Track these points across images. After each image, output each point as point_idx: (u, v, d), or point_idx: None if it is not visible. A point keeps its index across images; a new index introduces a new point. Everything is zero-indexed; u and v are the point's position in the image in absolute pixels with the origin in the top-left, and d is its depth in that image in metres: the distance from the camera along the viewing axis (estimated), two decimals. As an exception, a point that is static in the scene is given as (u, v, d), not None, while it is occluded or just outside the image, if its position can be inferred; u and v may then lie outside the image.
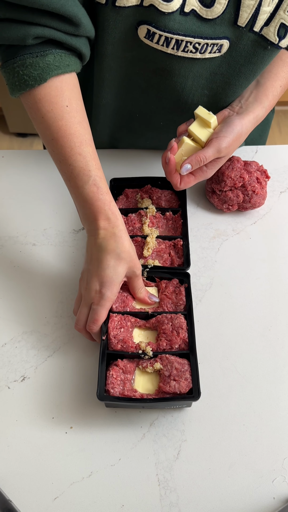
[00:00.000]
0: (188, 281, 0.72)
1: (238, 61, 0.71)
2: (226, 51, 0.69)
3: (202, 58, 0.69)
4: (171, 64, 0.70)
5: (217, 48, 0.68)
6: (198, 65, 0.71)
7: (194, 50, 0.67)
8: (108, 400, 0.62)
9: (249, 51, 0.69)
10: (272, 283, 0.78)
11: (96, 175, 0.65)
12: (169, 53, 0.67)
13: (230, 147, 0.72)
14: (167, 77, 0.73)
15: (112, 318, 0.68)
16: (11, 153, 0.97)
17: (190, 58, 0.69)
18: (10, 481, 0.61)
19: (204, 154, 0.71)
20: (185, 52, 0.67)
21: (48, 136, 0.65)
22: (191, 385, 0.62)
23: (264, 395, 0.67)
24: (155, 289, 0.74)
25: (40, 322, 0.74)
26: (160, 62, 0.70)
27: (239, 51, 0.69)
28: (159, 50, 0.67)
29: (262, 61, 0.71)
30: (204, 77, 0.73)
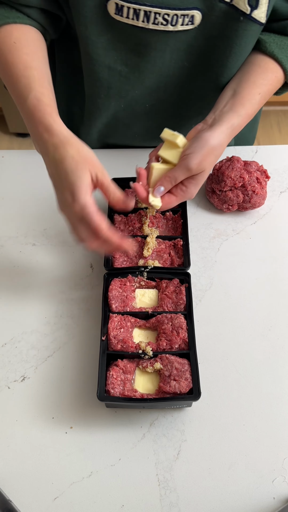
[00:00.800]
0: (189, 281, 0.72)
1: (213, 34, 0.71)
2: (199, 23, 0.69)
3: (175, 30, 0.69)
4: (146, 39, 0.70)
5: (189, 19, 0.67)
6: (173, 38, 0.70)
7: (165, 22, 0.67)
8: (108, 401, 0.62)
9: (222, 23, 0.69)
10: (272, 283, 0.78)
11: (38, 91, 0.65)
12: (141, 26, 0.67)
13: (202, 163, 0.67)
14: (145, 54, 0.73)
15: (112, 319, 0.68)
16: (11, 153, 0.97)
17: (163, 31, 0.68)
18: (10, 481, 0.61)
19: (173, 173, 0.68)
20: (156, 24, 0.67)
21: (2, 74, 0.69)
22: (191, 385, 0.62)
23: (264, 395, 0.67)
24: (155, 291, 0.74)
25: (40, 322, 0.74)
26: (136, 38, 0.70)
27: (213, 23, 0.69)
28: (130, 25, 0.68)
29: (237, 34, 0.70)
30: (182, 50, 0.73)
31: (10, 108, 2.13)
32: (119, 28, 0.69)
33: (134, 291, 0.73)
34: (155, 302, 0.73)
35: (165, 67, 0.76)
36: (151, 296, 0.73)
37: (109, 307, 0.70)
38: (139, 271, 0.73)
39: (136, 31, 0.69)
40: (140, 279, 0.73)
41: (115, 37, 0.71)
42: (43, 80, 0.67)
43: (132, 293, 0.73)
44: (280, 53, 0.75)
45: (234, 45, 0.72)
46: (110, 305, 0.70)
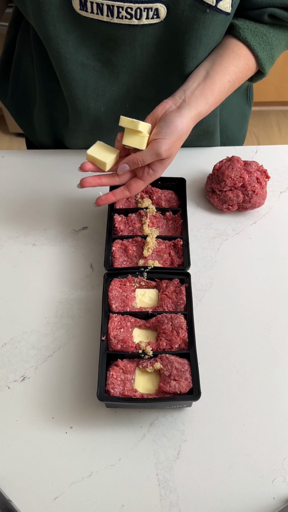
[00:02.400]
0: (189, 281, 0.72)
1: (180, 28, 0.70)
2: (165, 16, 0.68)
3: (141, 24, 0.68)
4: (114, 33, 0.70)
5: (154, 13, 0.67)
6: (141, 33, 0.70)
7: (129, 16, 0.67)
8: (108, 401, 0.62)
9: (188, 17, 0.68)
10: (272, 283, 0.78)
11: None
12: (106, 21, 0.67)
13: (171, 149, 0.69)
14: (115, 48, 0.72)
15: (112, 319, 0.68)
16: (11, 153, 0.97)
17: (129, 25, 0.68)
18: (10, 481, 0.61)
19: (142, 156, 0.69)
20: (120, 18, 0.67)
21: None
22: (191, 385, 0.62)
23: (264, 395, 0.67)
24: (155, 290, 0.74)
25: (40, 322, 0.74)
26: (103, 33, 0.70)
27: (178, 17, 0.68)
28: (96, 20, 0.68)
29: (204, 26, 0.70)
30: (152, 44, 0.73)
31: (10, 108, 2.12)
32: (86, 24, 0.69)
33: (134, 291, 0.73)
34: (155, 302, 0.73)
35: (137, 62, 0.75)
36: (151, 296, 0.73)
37: (109, 307, 0.70)
38: (139, 271, 0.73)
39: (102, 26, 0.69)
40: (140, 279, 0.73)
41: (84, 34, 0.71)
42: None
43: (132, 293, 0.73)
44: (253, 40, 0.74)
45: (202, 37, 0.71)
46: (110, 305, 0.70)
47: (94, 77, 0.78)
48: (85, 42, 0.72)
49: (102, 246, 0.82)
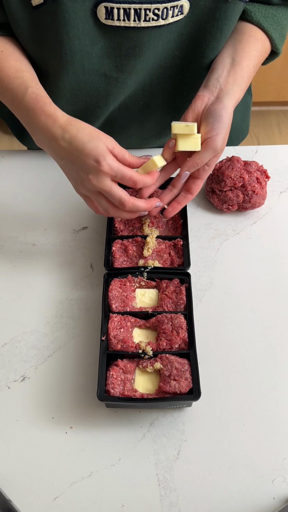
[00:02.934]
0: (189, 281, 0.72)
1: (202, 19, 0.71)
2: (188, 11, 0.69)
3: (167, 24, 0.69)
4: (139, 39, 0.69)
5: (178, 10, 0.67)
6: (165, 32, 0.70)
7: (156, 17, 0.67)
8: (108, 400, 0.62)
9: (210, 7, 0.69)
10: (272, 283, 0.78)
11: (34, 87, 0.66)
12: (133, 26, 0.67)
13: (224, 143, 0.70)
14: (140, 55, 0.72)
15: (112, 319, 0.68)
16: (11, 153, 0.97)
17: (155, 27, 0.68)
18: (10, 481, 0.61)
19: (201, 158, 0.69)
20: (147, 21, 0.67)
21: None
22: (191, 385, 0.62)
23: (264, 395, 0.67)
24: (155, 290, 0.74)
25: (40, 322, 0.74)
26: (129, 41, 0.70)
27: (201, 8, 0.69)
28: (123, 28, 0.67)
29: (226, 16, 0.70)
30: (172, 39, 0.73)
31: (10, 108, 2.12)
32: (111, 35, 0.69)
33: (134, 291, 0.73)
34: (155, 302, 0.73)
35: (157, 60, 0.76)
36: (151, 296, 0.73)
37: (109, 307, 0.70)
38: (139, 271, 0.73)
39: (128, 33, 0.68)
40: (140, 279, 0.73)
41: (108, 44, 0.70)
42: (36, 80, 0.69)
43: (132, 293, 0.73)
44: (265, 22, 0.75)
45: (223, 27, 0.72)
46: (110, 305, 0.70)
47: (117, 88, 0.78)
48: (108, 53, 0.72)
49: (102, 246, 0.82)
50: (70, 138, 0.62)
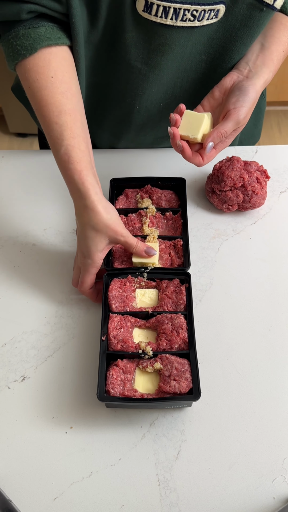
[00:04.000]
0: (189, 281, 0.72)
1: (234, 25, 0.71)
2: (222, 16, 0.69)
3: (201, 25, 0.69)
4: (171, 37, 0.70)
5: (214, 13, 0.68)
6: (196, 33, 0.71)
7: (192, 18, 0.67)
8: (108, 401, 0.62)
9: (245, 14, 0.70)
10: (272, 283, 0.78)
11: (68, 144, 0.65)
12: (169, 24, 0.67)
13: (247, 116, 0.71)
14: (168, 52, 0.72)
15: (112, 319, 0.68)
16: (11, 153, 0.97)
17: (189, 27, 0.69)
18: (10, 481, 0.61)
19: (224, 128, 0.70)
20: (184, 21, 0.67)
21: (34, 106, 0.68)
22: (191, 385, 0.62)
23: (264, 395, 0.67)
24: (155, 290, 0.74)
25: (40, 322, 0.74)
26: (161, 37, 0.70)
27: (235, 15, 0.70)
28: (157, 23, 0.67)
29: (258, 24, 0.71)
30: (202, 43, 0.73)
31: (10, 108, 2.13)
32: (143, 27, 0.68)
33: (134, 291, 0.73)
34: (155, 302, 0.73)
35: (183, 62, 0.76)
36: (151, 296, 0.73)
37: (109, 307, 0.70)
38: (139, 272, 0.73)
39: (162, 30, 0.68)
40: (140, 279, 0.73)
41: (139, 36, 0.70)
42: (75, 127, 0.67)
43: (132, 293, 0.73)
44: None
45: (254, 34, 0.73)
46: (110, 305, 0.70)
47: (138, 79, 0.78)
48: (137, 44, 0.71)
49: (102, 246, 0.82)
50: (81, 224, 0.67)
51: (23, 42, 0.66)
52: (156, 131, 0.91)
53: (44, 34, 0.66)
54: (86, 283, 0.71)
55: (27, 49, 0.66)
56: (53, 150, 0.67)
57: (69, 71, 0.69)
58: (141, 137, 0.92)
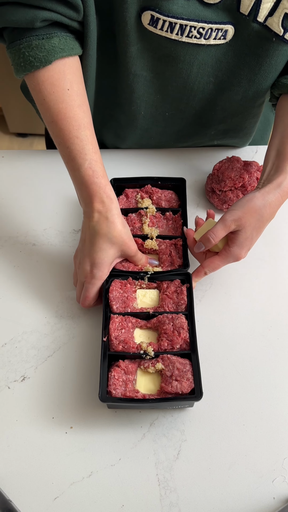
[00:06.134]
0: (190, 281, 0.72)
1: (243, 51, 0.71)
2: (231, 38, 0.69)
3: (207, 44, 0.69)
4: (176, 51, 0.70)
5: (222, 34, 0.67)
6: (203, 52, 0.70)
7: (199, 36, 0.67)
8: (110, 402, 0.62)
9: (254, 42, 0.69)
10: (272, 283, 0.78)
11: (92, 158, 0.66)
12: (174, 39, 0.67)
13: (241, 220, 0.68)
14: (172, 64, 0.72)
15: (113, 320, 0.68)
16: (11, 153, 0.97)
17: (195, 44, 0.68)
18: (10, 481, 0.61)
19: (212, 230, 0.69)
20: (189, 37, 0.67)
21: (49, 118, 0.67)
22: (193, 385, 0.62)
23: (264, 395, 0.67)
24: (156, 291, 0.74)
25: (40, 322, 0.74)
26: (165, 49, 0.70)
27: (244, 40, 0.69)
28: (163, 37, 0.67)
29: (267, 54, 0.70)
30: (210, 65, 0.73)
31: (10, 108, 2.13)
32: (149, 39, 0.68)
33: (135, 292, 0.73)
34: (156, 302, 0.73)
35: (190, 81, 0.76)
36: (152, 297, 0.73)
37: (110, 308, 0.70)
38: (139, 276, 0.73)
39: (166, 43, 0.68)
40: (141, 282, 0.73)
41: (144, 47, 0.70)
42: (94, 141, 0.68)
43: (133, 293, 0.73)
44: None
45: (264, 63, 0.72)
46: (111, 306, 0.70)
47: (143, 86, 0.78)
48: (143, 54, 0.71)
49: (102, 246, 0.82)
50: (95, 233, 0.67)
51: (37, 53, 0.64)
52: (160, 135, 0.91)
53: (58, 45, 0.65)
54: (91, 297, 0.70)
55: (41, 61, 0.64)
56: (73, 164, 0.67)
57: (82, 82, 0.69)
58: (145, 139, 0.92)
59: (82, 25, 0.67)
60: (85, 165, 0.66)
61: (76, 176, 0.67)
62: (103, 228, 0.67)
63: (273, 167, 0.71)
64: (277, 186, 0.69)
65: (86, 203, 0.68)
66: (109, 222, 0.67)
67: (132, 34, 0.68)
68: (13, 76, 1.62)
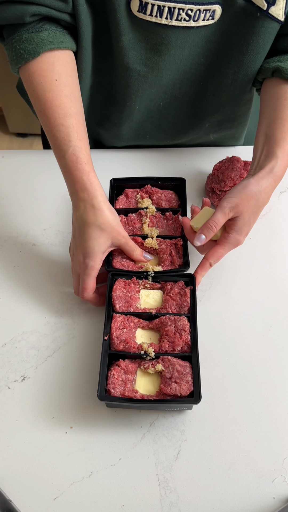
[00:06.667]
0: (194, 284, 0.72)
1: (231, 29, 0.71)
2: (219, 17, 0.69)
3: (197, 26, 0.69)
4: (168, 37, 0.70)
5: (210, 14, 0.68)
6: (193, 34, 0.71)
7: (188, 18, 0.68)
8: (109, 400, 0.62)
9: (240, 19, 0.70)
10: (272, 283, 0.78)
11: (76, 145, 0.67)
12: (164, 23, 0.68)
13: (239, 206, 0.68)
14: (165, 52, 0.73)
15: (115, 319, 0.68)
16: (11, 153, 0.97)
17: (185, 28, 0.69)
18: (10, 481, 0.61)
19: (213, 218, 0.69)
20: (179, 21, 0.68)
21: (38, 108, 0.69)
22: (192, 388, 0.62)
23: (264, 395, 0.67)
24: (160, 292, 0.74)
25: (40, 322, 0.74)
26: (157, 36, 0.70)
27: (231, 18, 0.70)
28: (153, 23, 0.68)
29: (254, 31, 0.71)
30: (200, 45, 0.73)
31: (10, 108, 2.13)
32: (140, 27, 0.69)
33: (138, 292, 0.73)
34: (159, 303, 0.73)
35: (182, 64, 0.76)
36: (156, 297, 0.73)
37: (113, 307, 0.70)
38: (143, 276, 0.73)
39: (158, 29, 0.69)
40: (145, 282, 0.73)
41: (136, 37, 0.71)
42: (81, 130, 0.69)
43: (136, 293, 0.73)
44: None
45: (251, 42, 0.73)
46: (114, 305, 0.70)
47: (137, 81, 0.78)
48: (135, 45, 0.72)
49: (102, 246, 0.82)
50: (84, 223, 0.67)
51: (26, 46, 0.67)
52: (156, 131, 0.91)
53: (47, 38, 0.67)
54: (89, 288, 0.70)
55: (30, 53, 0.67)
56: (59, 151, 0.68)
57: (72, 75, 0.70)
58: (142, 136, 0.92)
59: (74, 18, 0.69)
60: (69, 151, 0.67)
61: (61, 164, 0.69)
62: (90, 216, 0.67)
63: (263, 152, 0.72)
64: (270, 171, 0.70)
65: (71, 192, 0.68)
66: (95, 209, 0.67)
67: (123, 23, 0.68)
68: (13, 76, 1.62)
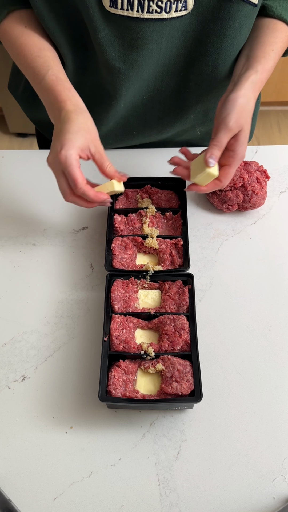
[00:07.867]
0: (192, 283, 0.72)
1: (206, 17, 0.71)
2: (192, 7, 0.69)
3: (170, 17, 0.70)
4: (142, 31, 0.71)
5: (182, 5, 0.68)
6: (168, 27, 0.71)
7: (159, 10, 0.68)
8: (110, 401, 0.62)
9: (214, 6, 0.70)
10: (272, 283, 0.78)
11: (54, 69, 0.71)
12: (136, 17, 0.68)
13: (239, 120, 0.69)
14: (143, 48, 0.73)
15: (114, 319, 0.68)
16: (11, 153, 0.97)
17: (158, 20, 0.69)
18: (10, 481, 0.61)
19: (216, 138, 0.69)
20: (150, 13, 0.68)
21: (14, 54, 0.75)
22: (193, 387, 0.62)
23: (264, 395, 0.67)
24: (158, 291, 0.74)
25: (40, 322, 0.74)
26: (132, 31, 0.71)
27: (205, 6, 0.70)
28: (126, 17, 0.69)
29: (230, 16, 0.71)
30: (177, 37, 0.74)
31: (10, 108, 2.13)
32: (114, 23, 0.70)
33: (136, 292, 0.73)
34: (158, 303, 0.73)
35: (161, 57, 0.76)
36: (154, 297, 0.73)
37: (111, 307, 0.70)
38: (142, 275, 0.73)
39: (131, 23, 0.69)
40: (143, 281, 0.73)
41: (112, 33, 0.71)
42: (56, 60, 0.73)
43: (134, 293, 0.73)
44: (287, 15, 0.75)
45: (228, 27, 0.73)
46: (113, 306, 0.70)
47: (119, 79, 0.78)
48: (112, 42, 0.73)
49: (102, 246, 0.82)
50: (64, 121, 0.67)
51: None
52: (143, 126, 0.91)
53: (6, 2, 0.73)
54: (78, 178, 0.65)
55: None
56: (38, 79, 0.71)
57: (39, 25, 0.74)
58: (128, 133, 0.93)
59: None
60: (48, 73, 0.70)
61: (41, 87, 0.71)
62: (72, 116, 0.67)
63: (243, 68, 0.74)
64: (250, 82, 0.71)
65: (55, 107, 0.69)
66: (77, 112, 0.68)
67: (96, 19, 0.70)
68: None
